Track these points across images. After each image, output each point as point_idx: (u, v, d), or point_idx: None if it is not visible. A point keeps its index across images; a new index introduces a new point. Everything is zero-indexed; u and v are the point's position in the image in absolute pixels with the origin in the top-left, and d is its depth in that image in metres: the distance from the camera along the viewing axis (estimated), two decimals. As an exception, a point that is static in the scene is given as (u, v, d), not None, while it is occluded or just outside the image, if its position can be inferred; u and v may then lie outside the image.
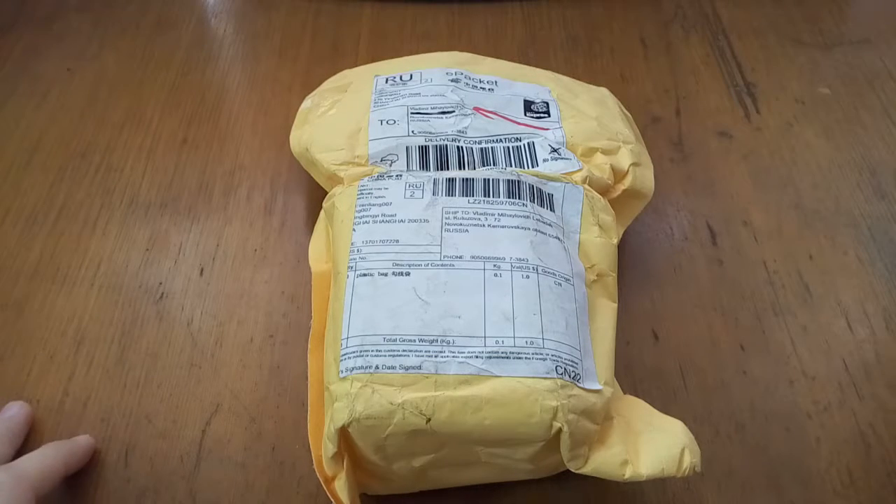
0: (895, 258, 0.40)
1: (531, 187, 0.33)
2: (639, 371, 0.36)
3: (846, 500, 0.32)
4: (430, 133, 0.36)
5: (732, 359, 0.36)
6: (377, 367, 0.28)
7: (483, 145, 0.36)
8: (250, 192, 0.43)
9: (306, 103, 0.42)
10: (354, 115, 0.38)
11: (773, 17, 0.54)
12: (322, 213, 0.37)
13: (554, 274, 0.30)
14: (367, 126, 0.37)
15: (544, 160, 0.35)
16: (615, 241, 0.34)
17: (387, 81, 0.40)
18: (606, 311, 0.32)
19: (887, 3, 0.56)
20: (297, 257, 0.40)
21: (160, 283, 0.39)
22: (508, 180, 0.33)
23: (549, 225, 0.32)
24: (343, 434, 0.28)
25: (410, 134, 0.36)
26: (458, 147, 0.36)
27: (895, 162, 0.45)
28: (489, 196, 0.33)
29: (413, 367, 0.28)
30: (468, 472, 0.30)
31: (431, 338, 0.28)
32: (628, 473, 0.28)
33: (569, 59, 0.51)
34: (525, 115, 0.38)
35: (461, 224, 0.32)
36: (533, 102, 0.39)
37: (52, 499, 0.32)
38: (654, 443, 0.28)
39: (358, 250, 0.31)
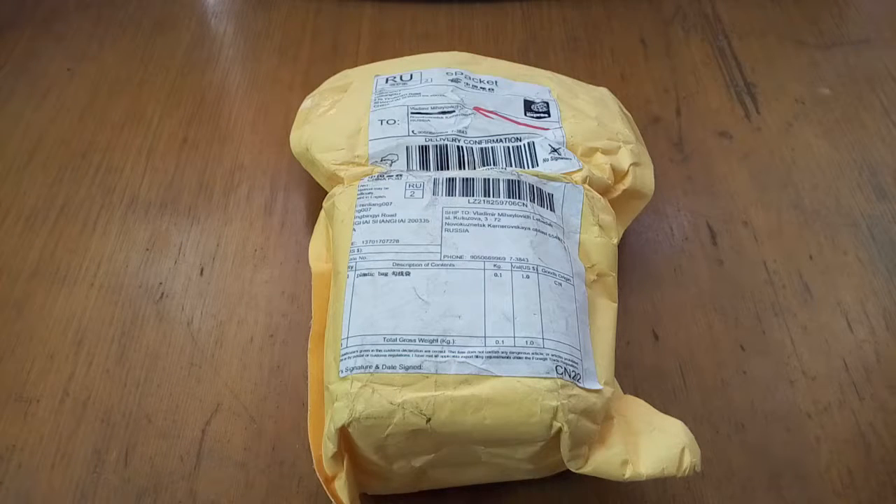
0: (895, 258, 0.40)
1: (531, 187, 0.33)
2: (639, 371, 0.36)
3: (846, 500, 0.32)
4: (430, 133, 0.36)
5: (732, 359, 0.36)
6: (377, 367, 0.28)
7: (483, 145, 0.36)
8: (250, 192, 0.43)
9: (306, 103, 0.42)
10: (355, 115, 0.38)
11: (773, 17, 0.54)
12: (322, 213, 0.37)
13: (554, 274, 0.30)
14: (367, 126, 0.37)
15: (544, 160, 0.35)
16: (615, 241, 0.34)
17: (387, 81, 0.40)
18: (606, 311, 0.32)
19: (887, 3, 0.56)
20: (297, 257, 0.40)
21: (160, 283, 0.39)
22: (508, 180, 0.33)
23: (549, 225, 0.32)
24: (343, 434, 0.28)
25: (410, 134, 0.36)
26: (458, 147, 0.36)
27: (895, 162, 0.45)
28: (489, 196, 0.33)
29: (413, 367, 0.28)
30: (468, 472, 0.30)
31: (431, 338, 0.28)
32: (628, 473, 0.28)
33: (569, 59, 0.51)
34: (525, 115, 0.38)
35: (461, 224, 0.32)
36: (533, 102, 0.39)
37: (53, 499, 0.32)
38: (654, 443, 0.28)
39: (358, 250, 0.31)
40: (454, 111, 0.37)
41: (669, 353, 0.37)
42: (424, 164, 0.35)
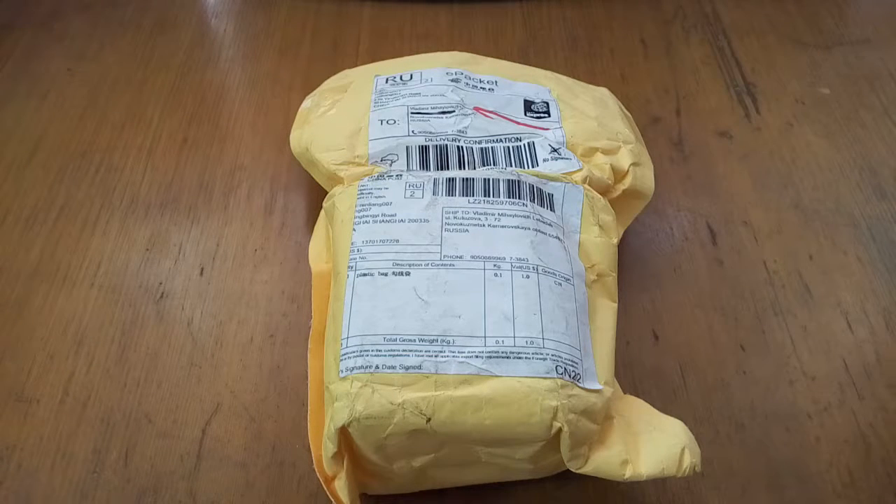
0: (895, 258, 0.40)
1: (531, 187, 0.33)
2: (639, 371, 0.36)
3: (846, 500, 0.32)
4: (430, 133, 0.36)
5: (732, 359, 0.36)
6: (377, 367, 0.28)
7: (483, 145, 0.36)
8: (250, 192, 0.43)
9: (306, 103, 0.42)
10: (354, 115, 0.38)
11: (773, 17, 0.54)
12: (322, 213, 0.37)
13: (554, 274, 0.30)
14: (367, 126, 0.37)
15: (544, 160, 0.35)
16: (615, 241, 0.34)
17: (387, 81, 0.40)
18: (606, 311, 0.32)
19: (887, 3, 0.56)
20: (297, 257, 0.40)
21: (160, 283, 0.39)
22: (508, 180, 0.33)
23: (550, 225, 0.32)
24: (343, 434, 0.28)
25: (410, 134, 0.36)
26: (458, 147, 0.36)
27: (895, 162, 0.45)
28: (489, 196, 0.33)
29: (413, 367, 0.28)
30: (468, 472, 0.30)
31: (431, 337, 0.28)
32: (628, 473, 0.28)
33: (569, 59, 0.51)
34: (525, 114, 0.38)
35: (461, 224, 0.32)
36: (533, 102, 0.39)
37: (53, 499, 0.32)
38: (654, 443, 0.28)
39: (358, 250, 0.31)
40: (454, 111, 0.37)
41: (669, 353, 0.37)
42: (424, 164, 0.35)
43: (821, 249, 0.41)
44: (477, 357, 0.28)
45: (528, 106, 0.39)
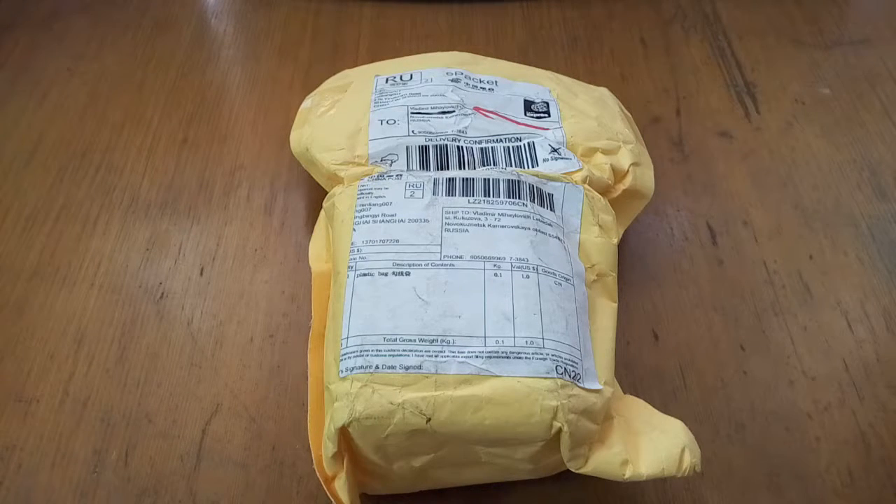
0: (895, 258, 0.40)
1: (531, 187, 0.33)
2: (639, 371, 0.36)
3: (846, 500, 0.32)
4: (430, 133, 0.36)
5: (732, 359, 0.36)
6: (377, 367, 0.28)
7: (483, 145, 0.36)
8: (250, 192, 0.43)
9: (306, 103, 0.42)
10: (354, 115, 0.38)
11: (773, 17, 0.54)
12: (322, 213, 0.37)
13: (554, 274, 0.30)
14: (367, 126, 0.37)
15: (544, 160, 0.35)
16: (615, 241, 0.34)
17: (387, 81, 0.40)
18: (606, 311, 0.32)
19: (887, 3, 0.56)
20: (297, 257, 0.40)
21: (160, 283, 0.39)
22: (508, 180, 0.33)
23: (550, 225, 0.32)
24: (343, 434, 0.28)
25: (410, 134, 0.36)
26: (458, 147, 0.36)
27: (895, 162, 0.45)
28: (489, 196, 0.33)
29: (413, 367, 0.28)
30: (468, 471, 0.30)
31: (431, 337, 0.28)
32: (628, 473, 0.28)
33: (569, 59, 0.51)
34: (525, 114, 0.38)
35: (461, 224, 0.32)
36: (533, 102, 0.39)
37: (53, 499, 0.32)
38: (654, 443, 0.28)
39: (358, 250, 0.31)
40: (454, 111, 0.37)
41: (669, 353, 0.37)
42: (424, 164, 0.35)
43: (821, 249, 0.41)
44: (477, 357, 0.28)
45: (528, 106, 0.39)
